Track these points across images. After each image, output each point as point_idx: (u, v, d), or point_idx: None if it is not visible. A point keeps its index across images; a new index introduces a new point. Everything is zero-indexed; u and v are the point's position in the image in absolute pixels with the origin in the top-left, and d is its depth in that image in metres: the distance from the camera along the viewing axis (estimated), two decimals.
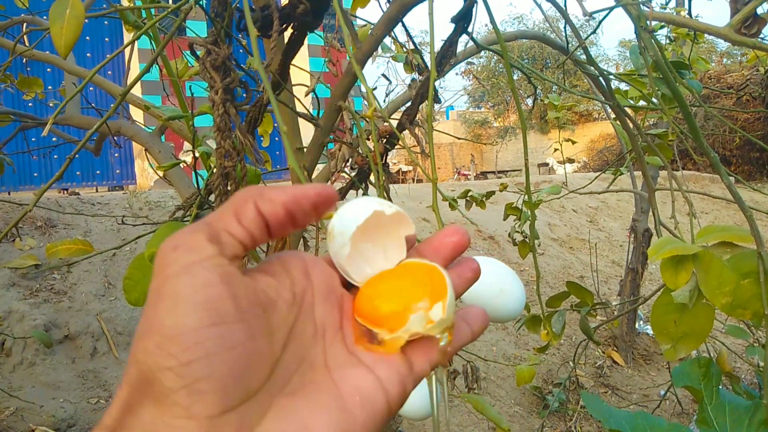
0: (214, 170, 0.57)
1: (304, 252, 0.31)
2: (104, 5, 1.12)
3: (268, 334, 0.24)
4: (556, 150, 1.92)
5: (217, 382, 0.21)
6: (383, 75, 1.38)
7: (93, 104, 1.64)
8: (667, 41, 1.52)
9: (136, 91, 5.16)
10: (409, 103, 0.70)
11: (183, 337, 0.21)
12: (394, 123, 0.67)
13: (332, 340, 0.27)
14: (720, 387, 0.70)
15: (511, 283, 0.43)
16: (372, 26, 0.96)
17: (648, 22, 0.61)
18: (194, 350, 0.21)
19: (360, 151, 0.73)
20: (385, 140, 0.74)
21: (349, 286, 0.31)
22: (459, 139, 1.88)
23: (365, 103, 0.51)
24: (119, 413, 0.22)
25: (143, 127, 1.24)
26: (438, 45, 0.72)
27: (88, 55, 6.53)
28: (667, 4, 2.13)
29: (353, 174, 0.82)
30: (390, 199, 0.74)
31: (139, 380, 0.22)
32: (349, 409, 0.24)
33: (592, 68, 0.86)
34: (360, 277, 0.31)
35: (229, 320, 0.22)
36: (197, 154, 0.85)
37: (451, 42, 0.67)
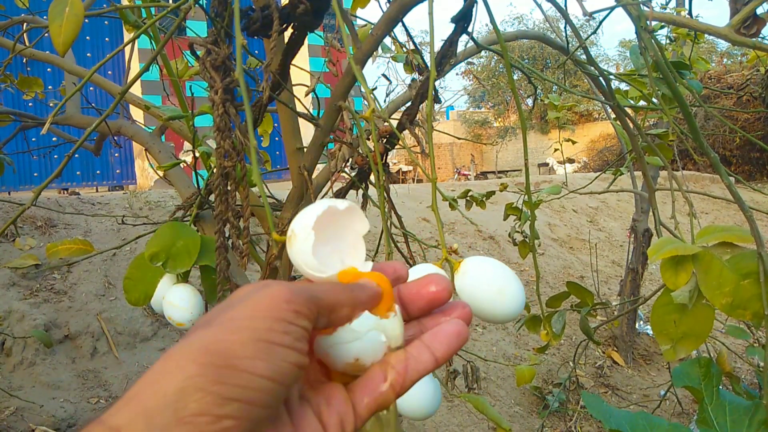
0: (214, 170, 0.57)
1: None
2: (104, 5, 1.12)
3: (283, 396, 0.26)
4: (556, 150, 1.92)
5: (241, 425, 0.23)
6: (383, 75, 1.38)
7: (93, 104, 1.64)
8: (667, 41, 1.52)
9: (136, 90, 5.16)
10: (409, 103, 0.70)
11: (246, 376, 0.24)
12: (394, 123, 0.67)
13: None
14: (720, 387, 0.70)
15: (510, 283, 0.43)
16: (372, 26, 0.96)
17: (648, 22, 0.61)
18: (246, 392, 0.24)
19: (360, 151, 0.73)
20: (385, 140, 0.74)
21: None
22: (459, 139, 1.88)
23: (365, 103, 0.51)
24: (118, 421, 0.23)
25: (143, 126, 1.24)
26: (438, 45, 0.72)
27: (88, 55, 6.53)
28: (667, 4, 2.13)
29: (353, 174, 0.82)
30: (390, 199, 0.74)
31: (154, 387, 0.23)
32: None
33: (592, 68, 0.86)
34: (322, 274, 0.32)
35: (282, 382, 0.25)
36: (197, 154, 0.85)
37: (451, 42, 0.67)
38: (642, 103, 1.08)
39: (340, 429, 0.29)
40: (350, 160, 0.75)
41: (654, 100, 0.98)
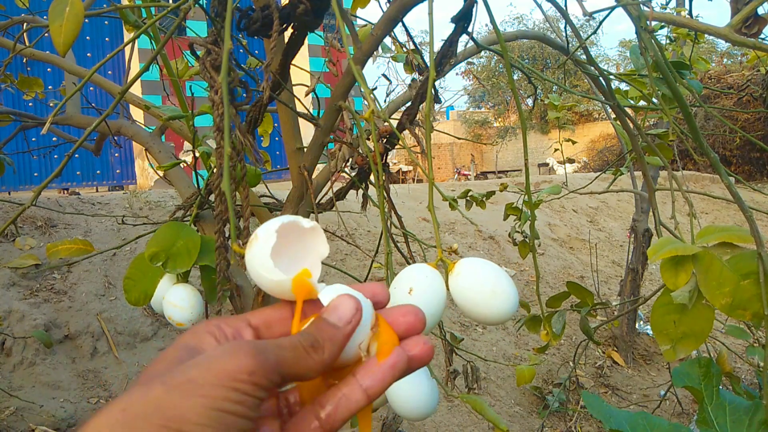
0: (214, 170, 0.57)
1: None
2: (104, 5, 1.12)
3: None
4: (556, 150, 1.92)
5: None
6: (383, 75, 1.38)
7: (93, 104, 1.64)
8: (668, 41, 1.52)
9: (137, 90, 5.16)
10: (409, 103, 0.70)
11: None
12: (394, 123, 0.67)
13: None
14: (720, 387, 0.70)
15: (503, 285, 0.43)
16: (372, 26, 0.96)
17: (648, 22, 0.61)
18: None
19: (360, 151, 0.73)
20: (385, 140, 0.74)
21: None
22: (459, 139, 1.88)
23: (365, 103, 0.51)
24: None
25: (143, 126, 1.24)
26: (438, 45, 0.72)
27: (88, 55, 6.53)
28: (667, 4, 2.13)
29: (353, 174, 0.82)
30: (390, 199, 0.74)
31: None
32: None
33: (592, 68, 0.86)
34: (275, 277, 0.32)
35: None
36: (197, 154, 0.85)
37: (451, 42, 0.67)
38: (642, 103, 1.08)
39: None
40: (350, 160, 0.75)
41: (654, 100, 0.98)
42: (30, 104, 4.85)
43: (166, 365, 0.28)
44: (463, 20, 0.65)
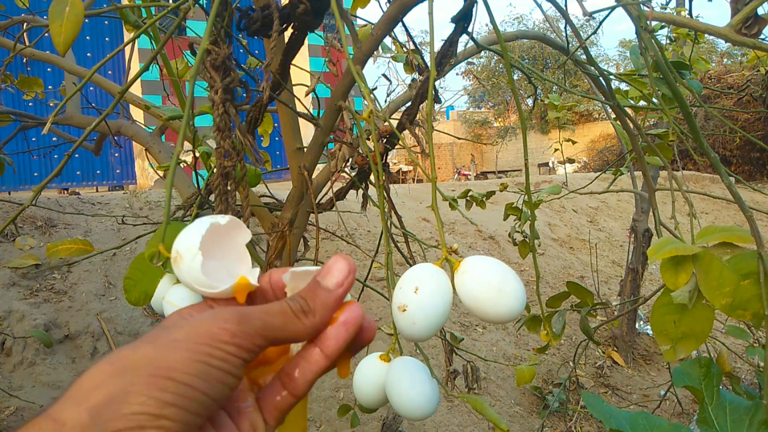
0: (214, 170, 0.57)
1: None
2: (104, 4, 1.12)
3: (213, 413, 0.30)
4: (556, 150, 1.92)
5: (176, 427, 0.26)
6: (383, 75, 1.38)
7: (93, 104, 1.64)
8: (668, 41, 1.52)
9: (137, 90, 5.16)
10: (409, 103, 0.70)
11: (184, 387, 0.26)
12: (394, 123, 0.67)
13: None
14: (720, 387, 0.70)
15: (511, 283, 0.43)
16: (372, 26, 0.96)
17: (648, 22, 0.61)
18: (183, 400, 0.26)
19: (360, 151, 0.73)
20: (385, 140, 0.74)
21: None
22: (459, 139, 1.88)
23: (365, 103, 0.51)
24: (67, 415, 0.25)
25: (143, 126, 1.24)
26: (438, 45, 0.72)
27: (88, 55, 6.53)
28: (667, 4, 2.13)
29: (353, 174, 0.82)
30: (390, 199, 0.74)
31: (98, 391, 0.25)
32: None
33: (592, 68, 0.86)
34: (214, 290, 0.33)
35: (215, 398, 0.28)
36: (197, 154, 0.85)
37: (451, 42, 0.67)
38: (642, 103, 1.08)
39: None
40: (350, 160, 0.75)
41: (654, 100, 0.98)
42: (30, 104, 4.85)
43: (150, 336, 0.30)
44: (463, 20, 0.65)
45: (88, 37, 6.61)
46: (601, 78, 0.86)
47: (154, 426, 0.25)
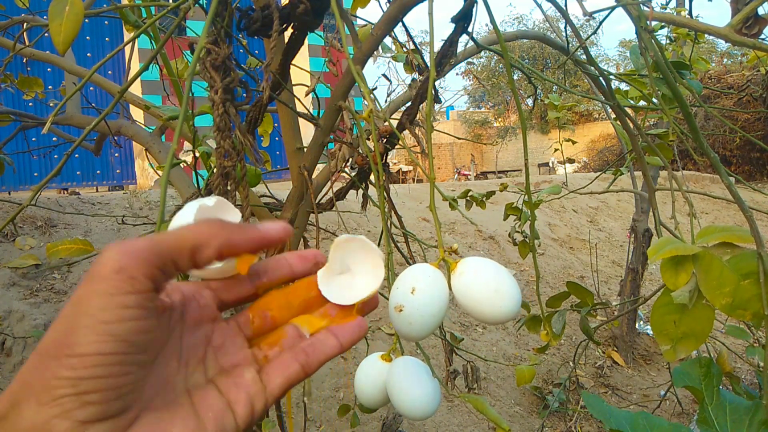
0: (214, 170, 0.57)
1: (189, 282, 0.35)
2: (104, 4, 1.12)
3: (146, 361, 0.29)
4: (556, 150, 1.92)
5: (103, 396, 0.26)
6: (383, 75, 1.38)
7: (93, 104, 1.64)
8: (668, 41, 1.52)
9: (137, 90, 5.16)
10: (409, 103, 0.70)
11: (89, 358, 0.26)
12: (394, 123, 0.67)
13: (193, 370, 0.32)
14: (720, 387, 0.70)
15: (507, 284, 0.43)
16: (372, 26, 0.96)
17: (648, 22, 0.61)
18: (94, 370, 0.26)
19: (360, 151, 0.73)
20: (385, 140, 0.74)
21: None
22: (459, 139, 1.88)
23: (365, 103, 0.51)
24: (5, 406, 0.26)
25: (143, 126, 1.24)
26: (438, 45, 0.72)
27: (88, 54, 6.53)
28: (667, 4, 2.13)
29: (353, 174, 0.82)
30: (390, 199, 0.74)
31: (31, 379, 0.26)
32: (203, 424, 0.30)
33: (592, 68, 0.86)
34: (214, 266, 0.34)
35: (132, 352, 0.27)
36: (197, 154, 0.85)
37: (451, 42, 0.67)
38: (642, 103, 1.08)
39: (249, 405, 0.32)
40: (350, 160, 0.75)
41: (654, 100, 0.98)
42: (30, 104, 4.85)
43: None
44: (463, 20, 0.65)
45: (88, 37, 6.61)
46: (601, 78, 0.86)
47: (78, 405, 0.25)
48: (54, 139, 1.75)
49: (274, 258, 0.37)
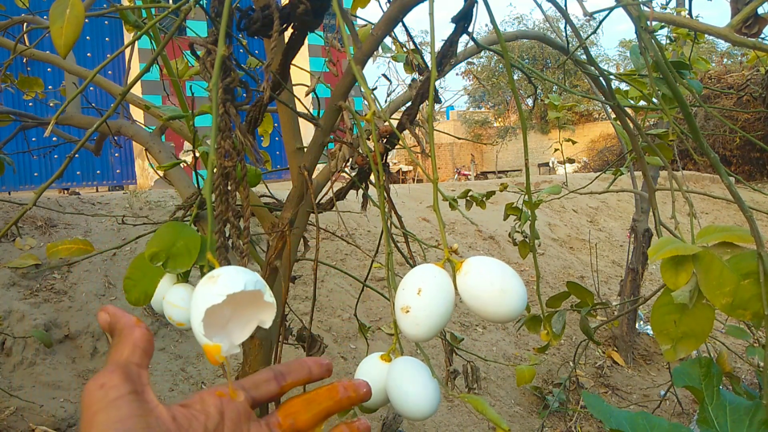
0: (214, 170, 0.57)
1: (221, 393, 0.36)
2: (104, 5, 1.12)
3: None
4: (556, 150, 1.92)
5: None
6: (384, 75, 1.38)
7: (93, 104, 1.64)
8: (668, 41, 1.52)
9: (137, 90, 5.16)
10: (409, 103, 0.70)
11: None
12: (395, 123, 0.67)
13: None
14: (720, 387, 0.70)
15: (513, 283, 0.43)
16: (372, 26, 0.96)
17: (648, 22, 0.61)
18: None
19: (360, 151, 0.73)
20: (385, 140, 0.74)
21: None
22: (459, 139, 1.88)
23: (366, 103, 0.51)
24: None
25: (143, 126, 1.23)
26: (438, 45, 0.72)
27: (88, 55, 6.53)
28: (667, 4, 2.13)
29: (353, 174, 0.82)
30: (390, 199, 0.74)
31: None
32: None
33: (592, 68, 0.86)
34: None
35: None
36: (197, 154, 0.85)
37: (451, 42, 0.67)
38: (642, 103, 1.08)
39: None
40: (350, 160, 0.75)
41: (654, 100, 0.98)
42: (30, 104, 4.85)
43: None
44: (463, 20, 0.65)
45: (88, 37, 6.61)
46: (601, 78, 0.86)
47: None
48: (54, 139, 1.75)
49: (297, 361, 0.40)
